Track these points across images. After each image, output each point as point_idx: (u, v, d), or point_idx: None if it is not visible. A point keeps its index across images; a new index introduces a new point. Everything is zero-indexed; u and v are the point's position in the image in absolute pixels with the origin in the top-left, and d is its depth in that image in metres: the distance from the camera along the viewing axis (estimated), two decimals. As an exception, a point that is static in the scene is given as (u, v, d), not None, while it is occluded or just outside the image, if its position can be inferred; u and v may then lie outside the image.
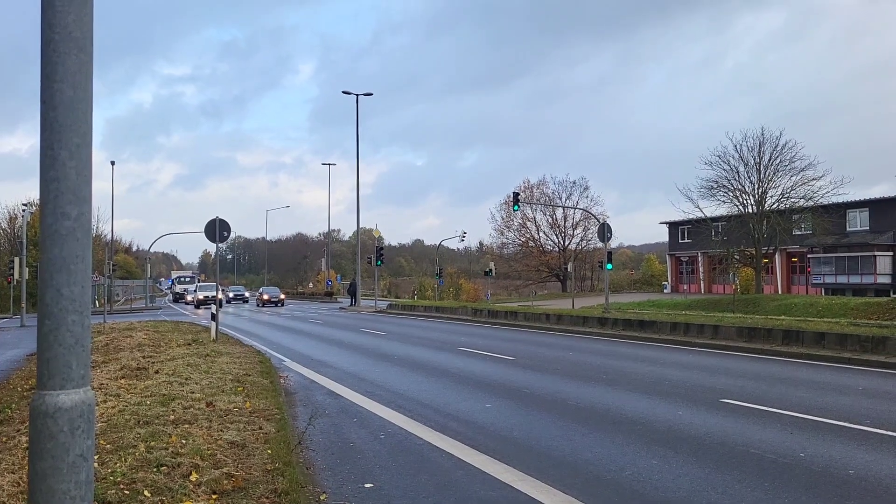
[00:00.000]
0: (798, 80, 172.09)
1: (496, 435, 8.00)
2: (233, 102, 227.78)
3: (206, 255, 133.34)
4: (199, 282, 66.80)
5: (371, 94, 48.97)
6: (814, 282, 51.53)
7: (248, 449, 6.61)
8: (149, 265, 55.62)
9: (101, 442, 6.63)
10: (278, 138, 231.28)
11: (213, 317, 20.09)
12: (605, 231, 28.79)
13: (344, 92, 47.96)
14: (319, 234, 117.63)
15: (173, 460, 6.00)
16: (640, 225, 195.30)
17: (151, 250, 69.35)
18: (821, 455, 6.75)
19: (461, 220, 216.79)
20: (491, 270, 54.48)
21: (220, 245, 20.82)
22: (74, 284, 2.66)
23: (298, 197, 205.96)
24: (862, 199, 50.30)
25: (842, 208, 49.10)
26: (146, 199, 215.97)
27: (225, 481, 5.61)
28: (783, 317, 26.31)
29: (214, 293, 27.08)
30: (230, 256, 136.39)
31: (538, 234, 72.58)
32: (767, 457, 6.72)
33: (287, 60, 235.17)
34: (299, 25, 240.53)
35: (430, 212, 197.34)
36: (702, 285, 62.32)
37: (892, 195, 50.27)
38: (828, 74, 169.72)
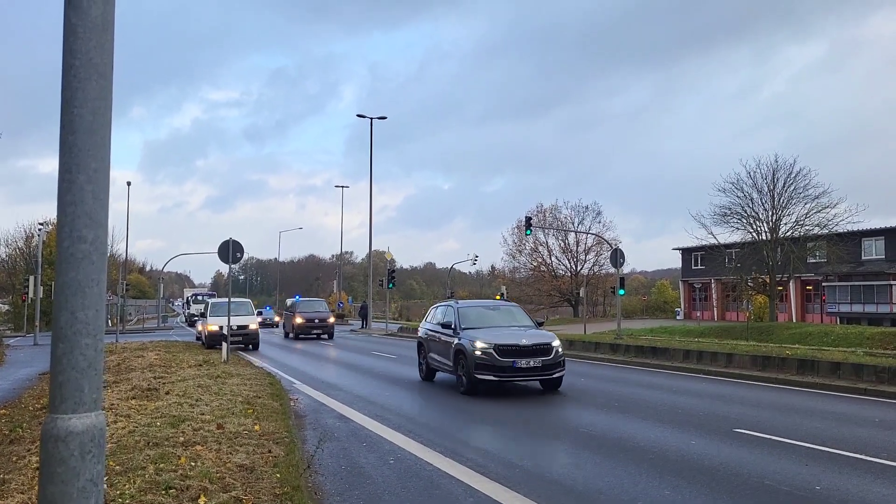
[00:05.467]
0: (833, 109, 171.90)
1: (507, 462, 7.92)
2: (275, 127, 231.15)
3: (218, 275, 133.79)
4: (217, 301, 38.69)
5: (385, 118, 49.29)
6: (828, 310, 51.05)
7: (257, 472, 6.57)
8: (161, 285, 55.86)
9: (111, 463, 6.62)
10: (311, 162, 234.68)
11: (224, 337, 20.12)
12: (617, 256, 28.70)
13: (358, 115, 48.40)
14: (332, 257, 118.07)
15: (182, 483, 5.98)
16: (657, 251, 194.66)
17: (165, 270, 69.70)
18: (837, 488, 6.64)
19: (480, 245, 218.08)
20: (503, 294, 54.31)
21: (232, 266, 20.90)
22: (89, 308, 2.67)
23: (324, 220, 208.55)
24: (877, 227, 49.94)
25: (857, 236, 48.75)
26: (174, 220, 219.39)
27: (233, 505, 5.58)
28: (798, 345, 26.02)
29: (249, 319, 26.32)
30: (242, 277, 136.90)
31: (550, 258, 72.41)
32: (782, 489, 6.61)
33: (334, 87, 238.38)
34: (349, 53, 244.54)
35: (451, 235, 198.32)
36: (715, 312, 61.89)
37: (908, 224, 49.90)
38: (863, 104, 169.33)
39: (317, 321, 33.85)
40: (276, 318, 53.91)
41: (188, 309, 65.95)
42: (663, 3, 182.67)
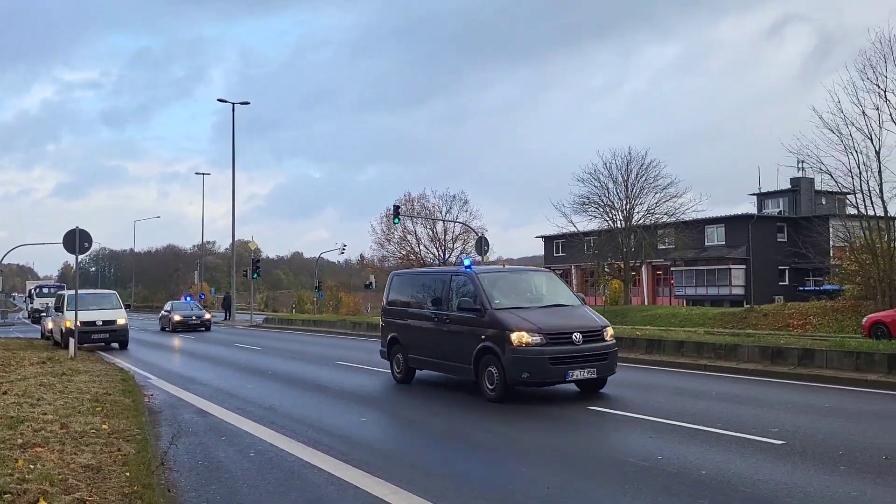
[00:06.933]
0: (687, 107, 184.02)
1: (371, 448, 7.94)
2: (137, 111, 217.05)
3: (66, 267, 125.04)
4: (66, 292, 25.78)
5: (248, 104, 47.77)
6: (676, 293, 54.69)
7: (105, 472, 6.23)
8: (0, 278, 51.54)
9: (-65, 471, 6.05)
10: (175, 148, 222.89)
11: (72, 332, 18.87)
12: (482, 244, 29.39)
13: (219, 100, 46.82)
14: (193, 247, 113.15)
15: (19, 487, 5.56)
16: (523, 239, 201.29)
17: (5, 262, 64.31)
18: (677, 457, 7.13)
19: (351, 234, 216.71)
20: (371, 283, 54.23)
21: (81, 256, 19.62)
22: None
23: (188, 209, 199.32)
24: (718, 215, 53.93)
25: (701, 224, 52.46)
26: (19, 208, 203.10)
27: (76, 508, 5.26)
28: (648, 326, 27.73)
29: (116, 313, 23.15)
30: (94, 269, 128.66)
31: (419, 247, 72.97)
32: (629, 461, 7.02)
33: (202, 71, 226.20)
34: (219, 38, 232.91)
35: (321, 225, 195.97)
36: (575, 297, 64.60)
37: (744, 213, 54.28)
38: (712, 103, 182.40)
39: (579, 338, 10.98)
40: (207, 315, 38.02)
41: (31, 304, 58.18)
42: (535, 1, 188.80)
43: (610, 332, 11.51)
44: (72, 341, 18.46)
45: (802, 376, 12.86)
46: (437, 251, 72.52)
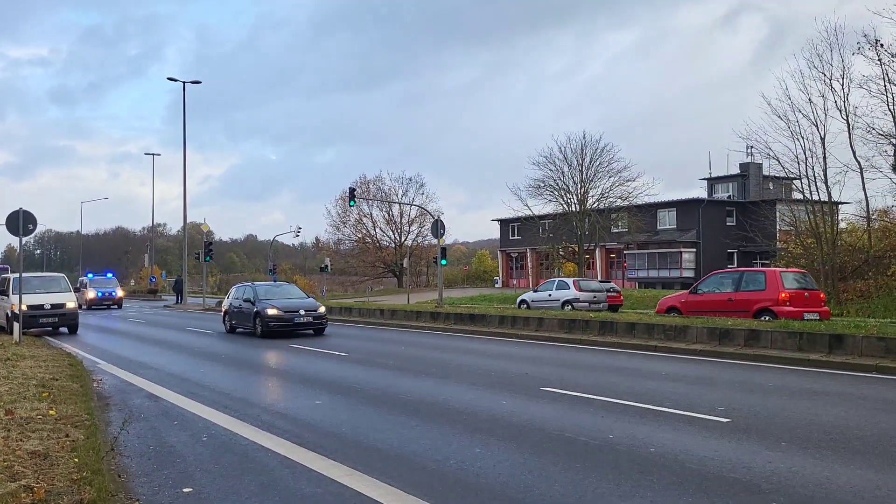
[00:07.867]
0: (641, 92, 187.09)
1: (325, 431, 7.93)
2: (87, 89, 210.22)
3: (10, 249, 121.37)
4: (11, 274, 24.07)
5: (199, 83, 46.73)
6: (629, 276, 55.59)
7: (52, 458, 6.12)
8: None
9: None
10: (127, 128, 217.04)
11: (16, 317, 18.36)
12: (437, 227, 29.40)
13: (169, 78, 45.58)
14: (143, 229, 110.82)
15: (-39, 475, 5.43)
16: (480, 222, 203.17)
17: (-56, 245, 62.02)
18: (626, 436, 7.29)
19: (308, 217, 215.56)
20: (326, 266, 53.87)
21: (26, 239, 19.08)
22: None
23: (139, 190, 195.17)
24: (670, 200, 54.87)
25: (653, 208, 53.37)
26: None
27: (23, 494, 5.16)
28: (601, 309, 28.13)
29: (65, 296, 22.44)
30: (38, 252, 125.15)
31: (374, 229, 72.76)
32: (580, 440, 7.16)
33: (157, 50, 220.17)
34: (174, 15, 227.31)
35: (277, 207, 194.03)
36: (530, 280, 65.27)
37: (695, 197, 55.35)
38: (666, 89, 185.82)
39: None
40: (322, 309, 21.74)
41: None
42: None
43: None
44: (16, 325, 17.97)
45: (748, 356, 13.25)
46: (394, 234, 72.45)
